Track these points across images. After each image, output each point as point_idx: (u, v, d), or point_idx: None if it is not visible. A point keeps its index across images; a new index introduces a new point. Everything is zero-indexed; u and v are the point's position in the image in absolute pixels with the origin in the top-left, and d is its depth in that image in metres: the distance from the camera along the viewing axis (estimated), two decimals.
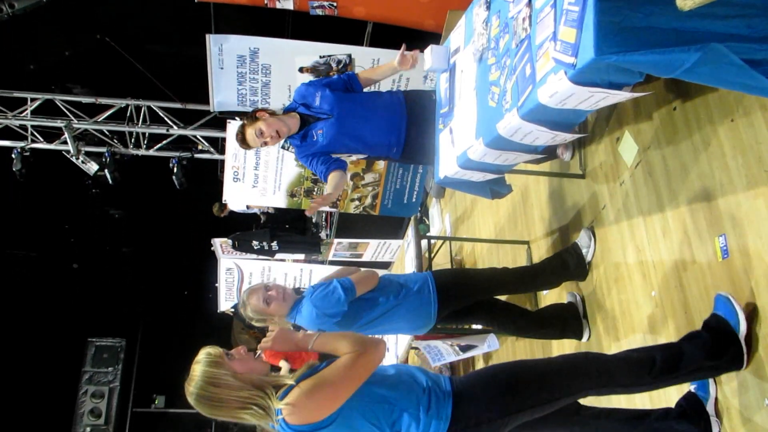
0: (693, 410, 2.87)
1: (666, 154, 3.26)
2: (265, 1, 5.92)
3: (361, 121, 3.93)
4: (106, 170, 9.11)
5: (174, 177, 9.19)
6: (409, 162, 5.11)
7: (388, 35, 6.11)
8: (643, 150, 3.46)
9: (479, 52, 3.27)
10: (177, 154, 9.14)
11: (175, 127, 8.81)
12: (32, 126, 8.83)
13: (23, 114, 8.71)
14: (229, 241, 8.97)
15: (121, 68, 8.69)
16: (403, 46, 3.82)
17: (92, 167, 9.26)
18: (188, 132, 8.87)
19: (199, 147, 9.26)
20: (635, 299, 3.49)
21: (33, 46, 8.36)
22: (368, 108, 3.96)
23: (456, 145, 3.47)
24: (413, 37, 5.76)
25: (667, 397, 3.05)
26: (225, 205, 8.96)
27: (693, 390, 2.92)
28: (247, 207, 9.10)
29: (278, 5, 5.92)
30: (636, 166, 3.50)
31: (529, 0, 2.69)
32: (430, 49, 3.80)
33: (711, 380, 2.85)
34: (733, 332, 2.69)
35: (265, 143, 3.92)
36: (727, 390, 2.81)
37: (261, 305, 3.48)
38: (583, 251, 3.94)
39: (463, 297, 3.76)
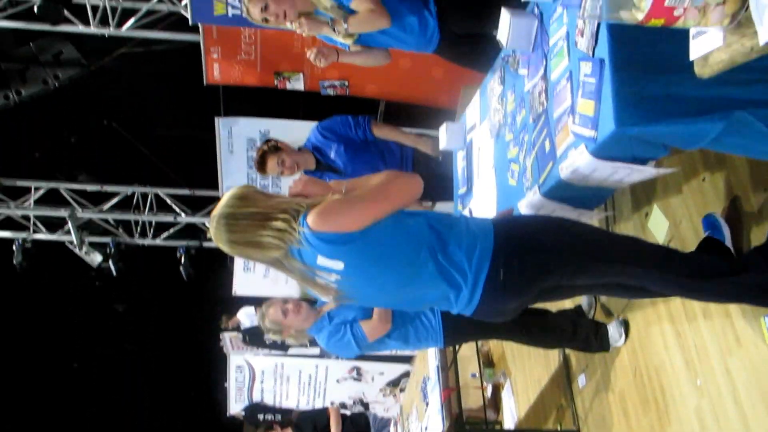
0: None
1: (699, 228, 3.26)
2: (276, 83, 6.09)
3: None
4: (110, 261, 9.17)
5: (181, 268, 9.21)
6: None
7: (400, 113, 6.24)
8: (674, 225, 3.46)
9: (496, 128, 3.34)
10: (184, 243, 9.19)
11: (182, 215, 8.91)
12: (35, 216, 8.96)
13: (26, 203, 8.87)
14: (240, 336, 8.93)
15: (128, 154, 8.88)
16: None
17: (96, 258, 9.30)
18: (196, 219, 8.97)
19: (208, 235, 9.33)
20: (680, 389, 3.43)
21: (39, 133, 8.57)
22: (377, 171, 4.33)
23: None
24: (426, 115, 5.89)
25: None
26: (232, 317, 9.00)
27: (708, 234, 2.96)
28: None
29: (288, 87, 6.09)
30: (668, 242, 3.50)
31: (545, 73, 2.76)
32: (444, 127, 3.88)
33: (723, 222, 2.96)
34: None
35: (282, 173, 4.39)
36: None
37: (278, 316, 3.89)
38: (613, 344, 3.98)
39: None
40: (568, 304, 4.53)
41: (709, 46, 1.78)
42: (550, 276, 2.53)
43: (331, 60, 3.98)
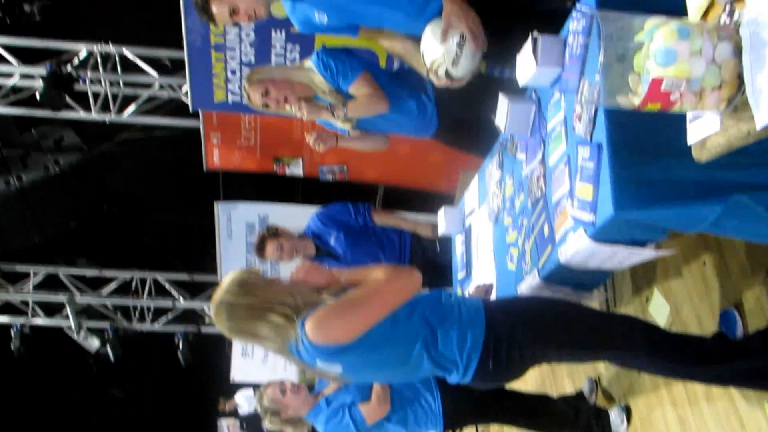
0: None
1: (701, 313, 3.23)
2: (275, 168, 6.12)
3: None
4: (107, 346, 9.06)
5: (179, 353, 9.10)
6: None
7: (399, 197, 6.26)
8: (675, 309, 3.42)
9: (494, 212, 3.33)
10: (183, 328, 9.09)
11: (181, 300, 8.84)
12: (33, 301, 8.89)
13: (25, 288, 8.81)
14: (237, 422, 8.77)
15: (127, 239, 8.86)
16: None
17: (94, 344, 9.21)
18: (195, 304, 8.89)
19: (207, 321, 9.24)
20: None
21: (39, 218, 8.58)
22: (376, 258, 4.49)
23: None
24: (425, 200, 5.90)
25: None
26: (230, 399, 8.85)
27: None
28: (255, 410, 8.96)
29: (288, 172, 6.12)
30: (669, 326, 3.45)
31: (543, 158, 2.76)
32: (443, 212, 3.87)
33: (740, 321, 2.86)
34: None
35: (281, 258, 4.42)
36: None
37: (277, 395, 3.86)
38: (615, 429, 3.88)
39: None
40: (569, 388, 4.45)
41: (706, 131, 1.78)
42: (540, 362, 2.66)
43: (330, 145, 4.01)
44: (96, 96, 6.52)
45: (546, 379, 4.92)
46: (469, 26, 3.00)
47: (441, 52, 3.10)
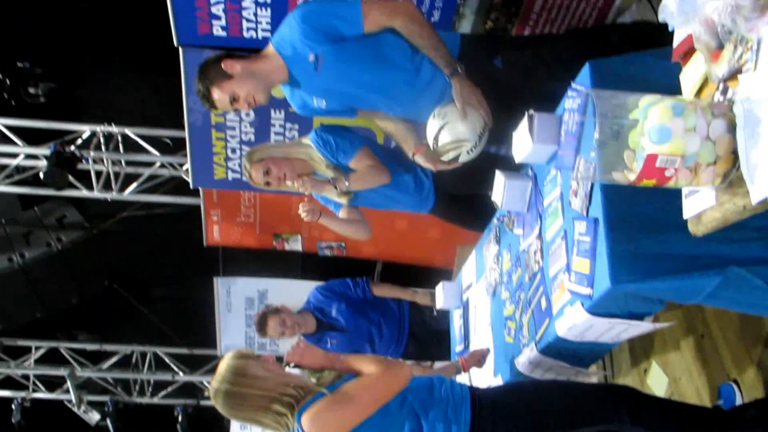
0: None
1: (699, 385, 3.17)
2: (274, 244, 6.10)
3: (369, 340, 4.55)
4: (108, 420, 8.92)
5: (179, 426, 8.95)
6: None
7: (397, 273, 6.21)
8: (673, 381, 3.37)
9: (492, 287, 3.30)
10: (182, 402, 8.97)
11: (180, 374, 8.73)
12: (35, 375, 8.78)
13: (26, 363, 8.70)
14: None
15: (128, 314, 8.79)
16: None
17: (94, 417, 9.08)
18: (194, 378, 8.78)
19: (206, 394, 9.11)
20: None
21: (41, 294, 8.53)
22: (377, 327, 4.55)
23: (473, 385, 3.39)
24: (423, 274, 5.86)
25: None
26: None
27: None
28: None
29: (287, 247, 6.10)
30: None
31: (540, 233, 2.74)
32: (441, 287, 3.84)
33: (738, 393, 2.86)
34: None
35: (283, 333, 4.37)
36: None
37: None
38: None
39: None
40: None
41: (701, 205, 1.76)
42: None
43: (314, 218, 3.88)
44: (98, 175, 6.50)
45: None
46: (481, 104, 3.02)
47: (456, 138, 3.07)
